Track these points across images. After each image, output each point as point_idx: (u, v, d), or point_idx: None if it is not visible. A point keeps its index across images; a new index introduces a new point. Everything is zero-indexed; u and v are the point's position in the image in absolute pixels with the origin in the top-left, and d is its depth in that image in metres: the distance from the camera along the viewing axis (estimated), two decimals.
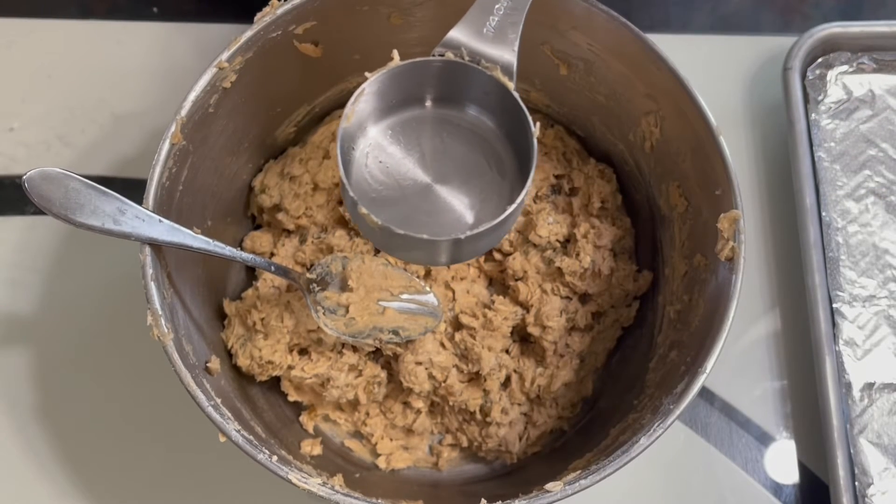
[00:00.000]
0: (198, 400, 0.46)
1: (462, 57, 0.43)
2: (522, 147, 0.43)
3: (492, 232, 0.41)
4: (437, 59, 0.43)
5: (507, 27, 0.43)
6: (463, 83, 0.43)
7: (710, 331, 0.49)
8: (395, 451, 0.61)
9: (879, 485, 0.57)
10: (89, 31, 0.73)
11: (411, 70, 0.43)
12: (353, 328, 0.56)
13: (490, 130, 0.44)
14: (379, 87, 0.43)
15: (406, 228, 0.40)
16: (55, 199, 0.46)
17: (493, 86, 0.43)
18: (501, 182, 0.43)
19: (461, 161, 0.44)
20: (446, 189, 0.43)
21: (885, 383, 0.60)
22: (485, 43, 0.43)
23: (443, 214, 0.43)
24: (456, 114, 0.45)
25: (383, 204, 0.43)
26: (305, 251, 0.60)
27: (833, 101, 0.68)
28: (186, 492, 0.61)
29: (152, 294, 0.47)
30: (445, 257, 0.43)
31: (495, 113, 0.44)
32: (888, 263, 0.63)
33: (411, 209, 0.43)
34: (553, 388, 0.59)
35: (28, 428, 0.62)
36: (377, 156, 0.44)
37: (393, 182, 0.43)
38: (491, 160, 0.44)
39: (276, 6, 0.52)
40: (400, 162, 0.44)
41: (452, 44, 0.43)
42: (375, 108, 0.43)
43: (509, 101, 0.43)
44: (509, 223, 0.43)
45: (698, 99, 0.51)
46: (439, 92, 0.44)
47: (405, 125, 0.44)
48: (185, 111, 0.50)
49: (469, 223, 0.42)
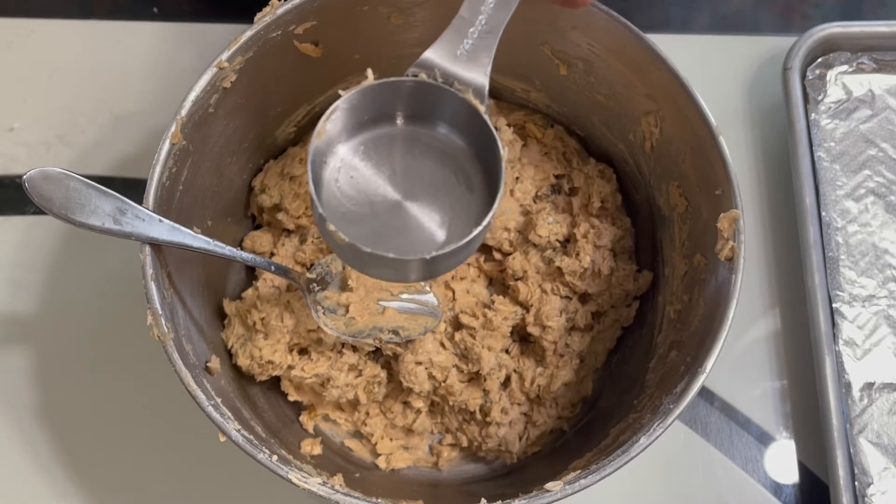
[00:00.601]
0: (198, 400, 0.46)
1: (435, 78, 0.43)
2: (492, 167, 0.43)
3: (460, 251, 0.42)
4: (410, 80, 0.43)
5: (482, 50, 0.43)
6: (435, 103, 0.44)
7: (710, 331, 0.49)
8: (395, 451, 0.61)
9: (879, 485, 0.57)
10: (89, 31, 0.73)
11: (384, 89, 0.43)
12: (353, 328, 0.56)
13: (461, 149, 0.45)
14: (352, 105, 0.43)
15: (376, 245, 0.40)
16: (55, 199, 0.46)
17: (465, 108, 0.43)
18: (470, 200, 0.44)
19: (431, 178, 0.44)
20: (416, 206, 0.44)
21: (884, 383, 0.60)
22: (458, 65, 0.43)
23: (413, 231, 0.43)
24: (427, 132, 0.45)
25: (354, 220, 0.43)
26: (305, 251, 0.60)
27: (833, 101, 0.68)
28: (186, 492, 0.61)
29: (152, 294, 0.47)
30: (415, 275, 0.44)
31: (466, 132, 0.45)
32: (888, 263, 0.63)
33: (381, 226, 0.43)
34: (553, 388, 0.59)
35: (28, 428, 0.62)
36: (348, 172, 0.44)
37: (364, 198, 0.43)
38: (461, 178, 0.44)
39: (276, 6, 0.52)
40: (370, 178, 0.44)
41: (426, 64, 0.43)
42: (347, 124, 0.44)
43: (480, 122, 0.43)
44: (476, 242, 0.43)
45: (698, 99, 0.51)
46: (411, 110, 0.44)
47: (376, 142, 0.45)
48: (185, 111, 0.50)
49: (439, 240, 0.43)
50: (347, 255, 0.43)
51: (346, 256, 0.43)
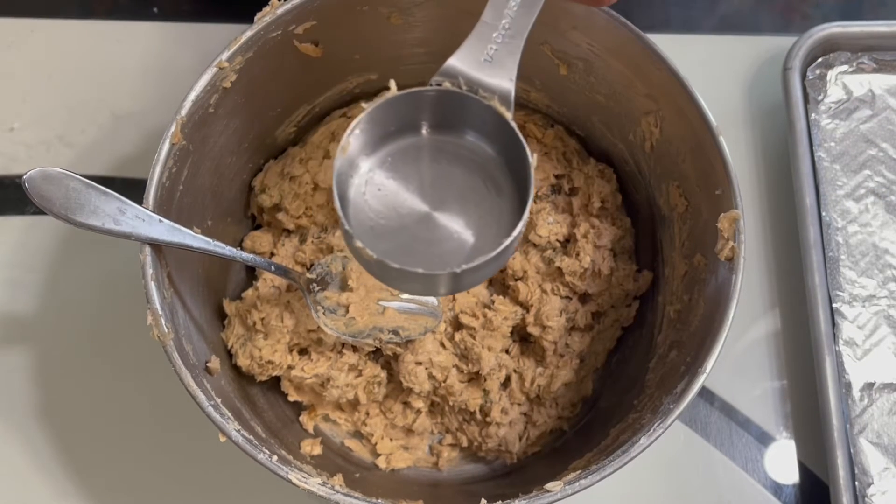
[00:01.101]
0: (198, 400, 0.46)
1: (460, 86, 0.42)
2: (521, 175, 0.42)
3: (490, 263, 0.41)
4: (434, 89, 0.42)
5: (506, 56, 0.43)
6: (460, 112, 0.43)
7: (710, 331, 0.49)
8: (395, 451, 0.61)
9: (879, 485, 0.57)
10: (89, 31, 0.73)
11: (408, 99, 0.42)
12: (353, 328, 0.56)
13: (489, 157, 0.44)
14: (375, 118, 0.42)
15: (405, 258, 0.40)
16: (55, 199, 0.46)
17: (491, 115, 0.42)
18: (501, 208, 0.43)
19: (460, 188, 0.43)
20: (446, 216, 0.43)
21: (885, 383, 0.60)
22: (482, 72, 0.42)
23: (442, 243, 0.42)
24: (454, 140, 0.44)
25: (382, 234, 0.42)
26: (305, 251, 0.60)
27: (833, 101, 0.68)
28: (186, 492, 0.61)
29: (152, 294, 0.47)
30: (444, 289, 0.43)
31: (493, 140, 0.44)
32: (888, 263, 0.63)
33: (411, 238, 0.42)
34: (553, 388, 0.59)
35: (28, 428, 0.62)
36: (375, 185, 0.43)
37: (392, 212, 0.43)
38: (490, 186, 0.43)
39: (276, 6, 0.52)
40: (398, 191, 0.43)
41: (450, 72, 0.42)
42: (372, 138, 0.43)
43: (507, 130, 0.42)
44: (508, 253, 0.42)
45: (698, 99, 0.51)
46: (437, 119, 0.44)
47: (403, 153, 0.44)
48: (185, 111, 0.50)
49: (468, 251, 0.42)
50: (376, 270, 0.42)
51: (374, 272, 0.42)
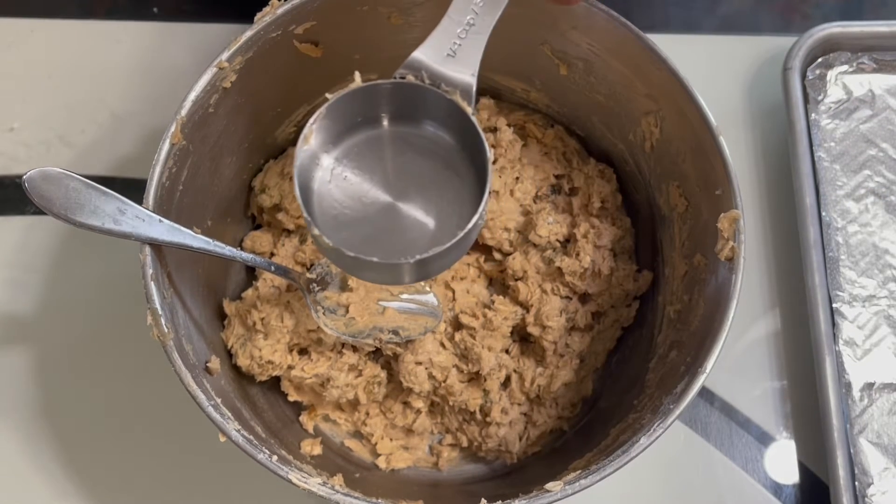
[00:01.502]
0: (198, 400, 0.46)
1: (423, 79, 0.43)
2: (480, 165, 0.43)
3: (449, 252, 0.42)
4: (396, 81, 0.43)
5: (469, 51, 0.43)
6: (423, 104, 0.44)
7: (710, 331, 0.49)
8: (395, 451, 0.61)
9: (879, 485, 0.57)
10: (89, 31, 0.73)
11: (372, 91, 0.43)
12: (353, 328, 0.56)
13: (450, 147, 0.45)
14: (339, 108, 0.43)
15: (368, 247, 0.40)
16: (55, 199, 0.46)
17: (453, 109, 0.43)
18: (463, 198, 0.44)
19: (423, 178, 0.44)
20: (409, 206, 0.44)
21: (885, 383, 0.60)
22: (446, 66, 0.43)
23: (405, 232, 0.43)
24: (416, 131, 0.45)
25: (346, 223, 0.43)
26: (305, 251, 0.60)
27: (833, 101, 0.68)
28: (186, 492, 0.61)
29: (152, 294, 0.47)
30: (408, 277, 0.43)
31: (454, 132, 0.44)
32: (888, 263, 0.63)
33: (374, 228, 0.43)
34: (553, 388, 0.59)
35: (28, 428, 0.62)
36: (339, 176, 0.44)
37: (355, 202, 0.43)
38: (452, 176, 0.44)
39: (276, 6, 0.52)
40: (361, 181, 0.44)
41: (414, 65, 0.43)
42: (336, 128, 0.44)
43: (467, 123, 0.43)
44: (467, 242, 0.43)
45: (698, 99, 0.51)
46: (401, 111, 0.44)
47: (367, 144, 0.45)
48: (185, 111, 0.50)
49: (429, 240, 0.42)
50: (335, 258, 0.43)
51: (334, 259, 0.43)
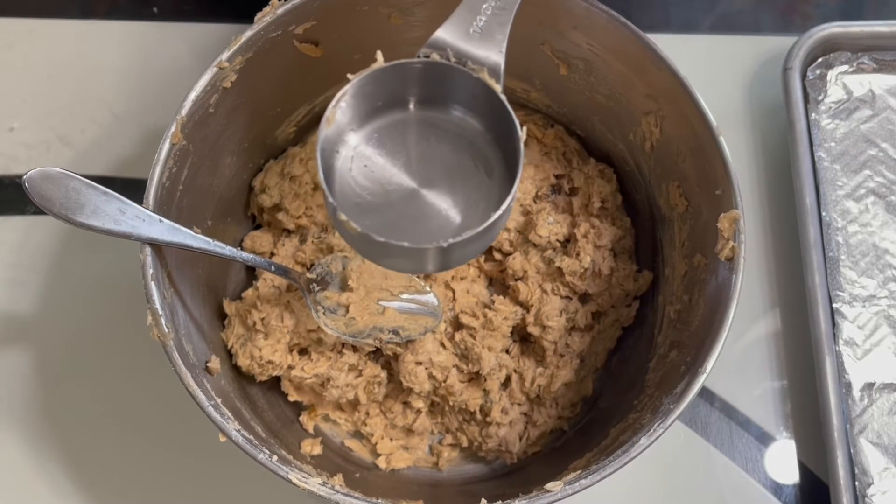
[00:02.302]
0: (198, 400, 0.46)
1: (448, 58, 0.41)
2: (510, 150, 0.41)
3: (478, 238, 0.40)
4: (422, 61, 0.41)
5: (495, 27, 0.42)
6: (449, 85, 0.42)
7: (710, 331, 0.49)
8: (395, 451, 0.61)
9: (879, 485, 0.57)
10: (89, 31, 0.73)
11: (395, 71, 0.41)
12: (353, 328, 0.56)
13: (477, 132, 0.43)
14: (361, 90, 0.41)
15: (390, 235, 0.38)
16: (55, 199, 0.46)
17: (480, 88, 0.41)
18: (489, 185, 0.42)
19: (448, 164, 0.42)
20: (433, 193, 0.42)
21: (885, 383, 0.60)
22: (472, 43, 0.41)
23: (429, 220, 0.41)
24: (442, 116, 0.43)
25: (368, 210, 0.41)
26: (305, 251, 0.60)
27: (833, 101, 0.68)
28: (186, 492, 0.61)
29: (152, 294, 0.47)
30: (432, 265, 0.42)
31: (482, 115, 0.43)
32: (888, 263, 0.63)
33: (397, 215, 0.41)
34: (553, 388, 0.59)
35: (28, 428, 0.62)
36: (362, 160, 0.42)
37: (378, 187, 0.42)
38: (478, 163, 0.43)
39: (276, 6, 0.52)
40: (385, 167, 0.42)
41: (438, 44, 0.42)
42: (359, 111, 0.42)
43: (496, 103, 0.41)
44: (497, 228, 0.41)
45: (698, 99, 0.51)
46: (425, 93, 0.43)
47: (390, 128, 0.43)
48: (185, 111, 0.50)
49: (455, 228, 0.41)
50: (360, 245, 0.41)
51: (359, 247, 0.42)
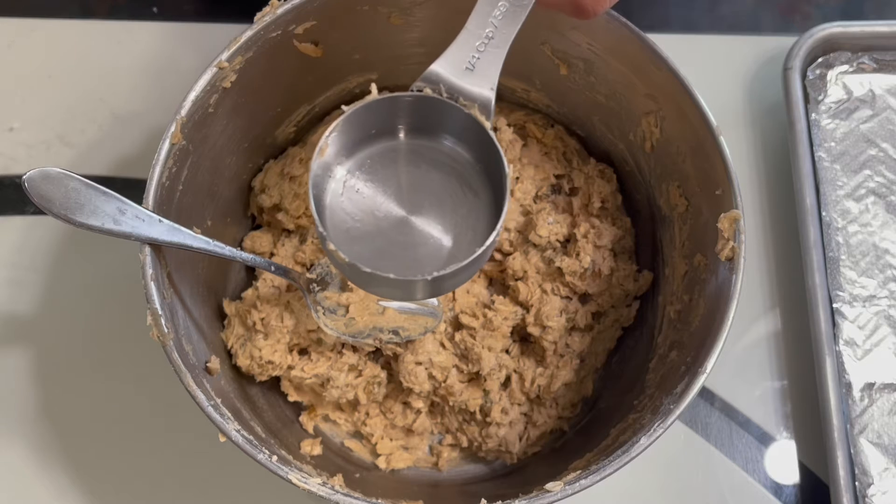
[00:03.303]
0: (198, 400, 0.46)
1: (440, 93, 0.43)
2: (497, 182, 0.43)
3: (465, 270, 0.41)
4: (414, 95, 0.43)
5: (488, 65, 0.43)
6: (440, 117, 0.43)
7: (710, 331, 0.49)
8: (395, 451, 0.61)
9: (879, 485, 0.57)
10: (89, 31, 0.73)
11: (389, 104, 0.43)
12: (353, 328, 0.56)
13: (466, 162, 0.44)
14: (355, 120, 0.42)
15: (380, 262, 0.40)
16: (55, 199, 0.46)
17: (470, 123, 0.43)
18: (479, 214, 0.43)
19: (437, 192, 0.44)
20: (423, 220, 0.43)
21: (885, 383, 0.60)
22: (464, 79, 0.43)
23: (418, 248, 0.43)
24: (432, 145, 0.44)
25: (358, 237, 0.42)
26: (305, 251, 0.60)
27: (833, 100, 0.68)
28: (186, 492, 0.61)
29: (152, 294, 0.47)
30: (420, 294, 0.43)
31: (472, 146, 0.44)
32: (888, 263, 0.63)
33: (386, 242, 0.43)
34: (553, 388, 0.59)
35: (28, 428, 0.62)
36: (352, 188, 0.43)
37: (368, 215, 0.43)
38: (467, 191, 0.44)
39: (276, 6, 0.52)
40: (375, 194, 0.43)
41: (432, 78, 0.43)
42: (351, 140, 0.43)
43: (485, 138, 0.43)
44: (483, 259, 0.42)
45: (698, 99, 0.51)
46: (416, 124, 0.44)
47: (381, 157, 0.44)
48: (185, 111, 0.50)
49: (444, 257, 0.42)
50: (349, 273, 0.42)
51: (348, 275, 0.43)
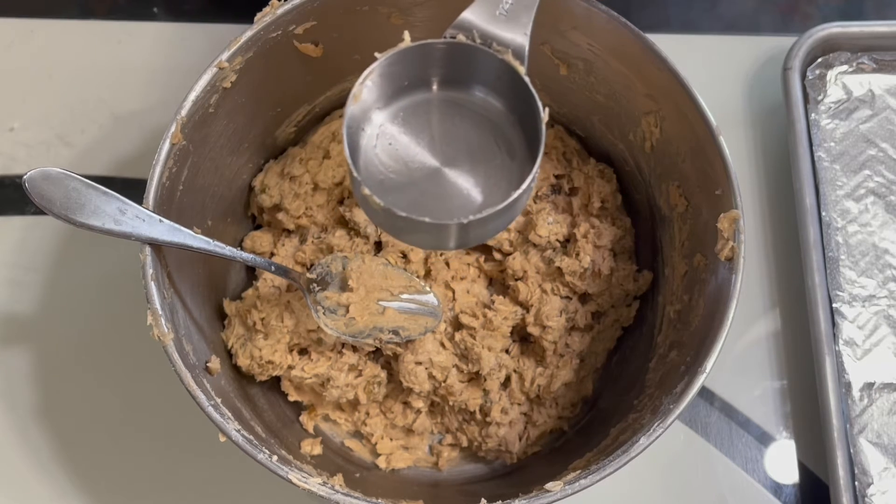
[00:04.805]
0: (198, 400, 0.46)
1: (473, 39, 0.42)
2: (531, 131, 0.42)
3: (499, 216, 0.41)
4: (447, 41, 0.42)
5: (521, 10, 0.43)
6: (473, 66, 0.43)
7: (710, 331, 0.49)
8: (395, 451, 0.61)
9: (879, 485, 0.57)
10: (89, 31, 0.73)
11: (421, 51, 0.42)
12: (353, 328, 0.56)
13: (499, 113, 0.44)
14: (388, 68, 0.42)
15: (412, 212, 0.39)
16: (56, 199, 0.46)
17: (504, 69, 0.42)
18: (511, 165, 0.43)
19: (470, 144, 0.43)
20: (455, 172, 0.43)
21: (884, 383, 0.60)
22: (497, 25, 0.42)
23: (451, 198, 0.42)
24: (465, 96, 0.44)
25: (391, 187, 0.42)
26: (305, 251, 0.60)
27: (833, 101, 0.68)
28: (186, 492, 0.61)
29: (152, 294, 0.47)
30: (453, 241, 0.43)
31: (505, 96, 0.44)
32: (888, 263, 0.63)
33: (419, 193, 0.42)
34: (553, 388, 0.59)
35: (28, 428, 0.62)
36: (386, 139, 0.43)
37: (401, 166, 0.43)
38: (500, 142, 0.44)
39: (276, 6, 0.52)
40: (408, 145, 0.43)
41: (464, 25, 0.42)
42: (384, 90, 0.43)
43: (519, 84, 0.42)
44: (517, 207, 0.42)
45: (698, 99, 0.51)
46: (449, 74, 0.44)
47: (414, 108, 0.44)
48: (185, 111, 0.50)
49: (477, 206, 0.42)
50: (383, 221, 0.42)
51: (382, 223, 0.43)
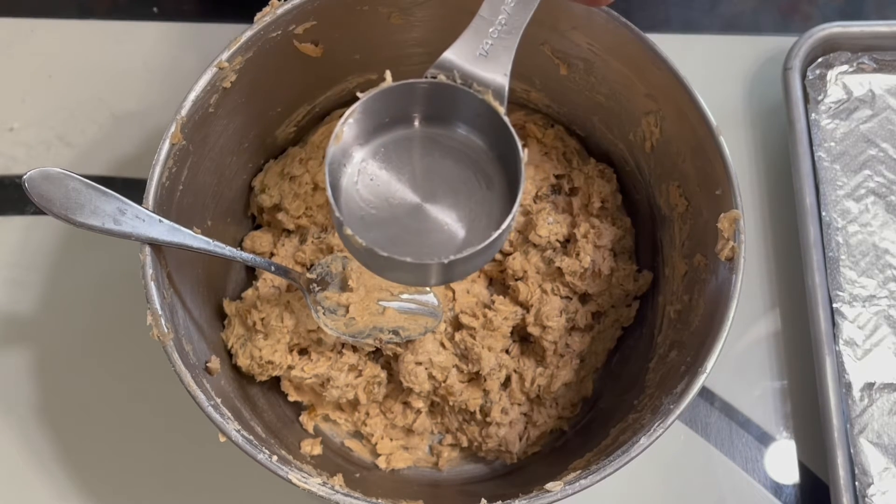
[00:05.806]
0: (198, 400, 0.46)
1: (454, 79, 0.43)
2: (512, 169, 0.43)
3: (480, 254, 0.41)
4: (428, 81, 0.43)
5: (501, 51, 0.43)
6: (454, 104, 0.44)
7: (710, 331, 0.49)
8: (395, 451, 0.61)
9: (879, 485, 0.57)
10: (89, 31, 0.73)
11: (403, 90, 0.43)
12: (353, 328, 0.56)
13: (480, 149, 0.44)
14: (370, 107, 0.43)
15: (393, 249, 0.40)
16: (55, 199, 0.46)
17: (484, 109, 0.43)
18: (492, 200, 0.43)
19: (451, 180, 0.44)
20: (436, 208, 0.43)
21: (885, 383, 0.60)
22: (478, 65, 0.43)
23: (432, 234, 0.43)
24: (447, 133, 0.45)
25: (373, 224, 0.43)
26: (305, 251, 0.60)
27: (833, 101, 0.68)
28: (186, 492, 0.61)
29: (152, 294, 0.47)
30: (434, 279, 0.43)
31: (486, 133, 0.44)
32: (888, 263, 0.63)
33: (401, 229, 0.43)
34: (553, 388, 0.59)
35: (28, 428, 0.62)
36: (367, 175, 0.44)
37: (382, 202, 0.43)
38: (481, 179, 0.44)
39: (276, 6, 0.52)
40: (389, 181, 0.44)
41: (445, 65, 0.43)
42: (365, 127, 0.43)
43: (499, 124, 0.43)
44: (498, 245, 0.42)
45: (698, 99, 0.51)
46: (430, 111, 0.44)
47: (396, 145, 0.44)
48: (185, 111, 0.50)
49: (458, 243, 0.42)
50: (365, 258, 0.42)
51: (364, 260, 0.43)
